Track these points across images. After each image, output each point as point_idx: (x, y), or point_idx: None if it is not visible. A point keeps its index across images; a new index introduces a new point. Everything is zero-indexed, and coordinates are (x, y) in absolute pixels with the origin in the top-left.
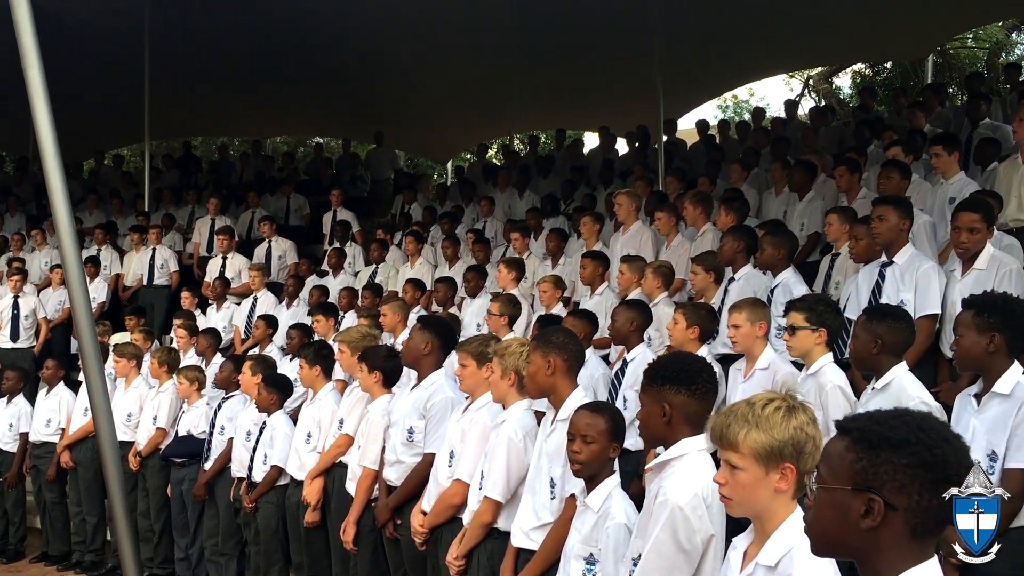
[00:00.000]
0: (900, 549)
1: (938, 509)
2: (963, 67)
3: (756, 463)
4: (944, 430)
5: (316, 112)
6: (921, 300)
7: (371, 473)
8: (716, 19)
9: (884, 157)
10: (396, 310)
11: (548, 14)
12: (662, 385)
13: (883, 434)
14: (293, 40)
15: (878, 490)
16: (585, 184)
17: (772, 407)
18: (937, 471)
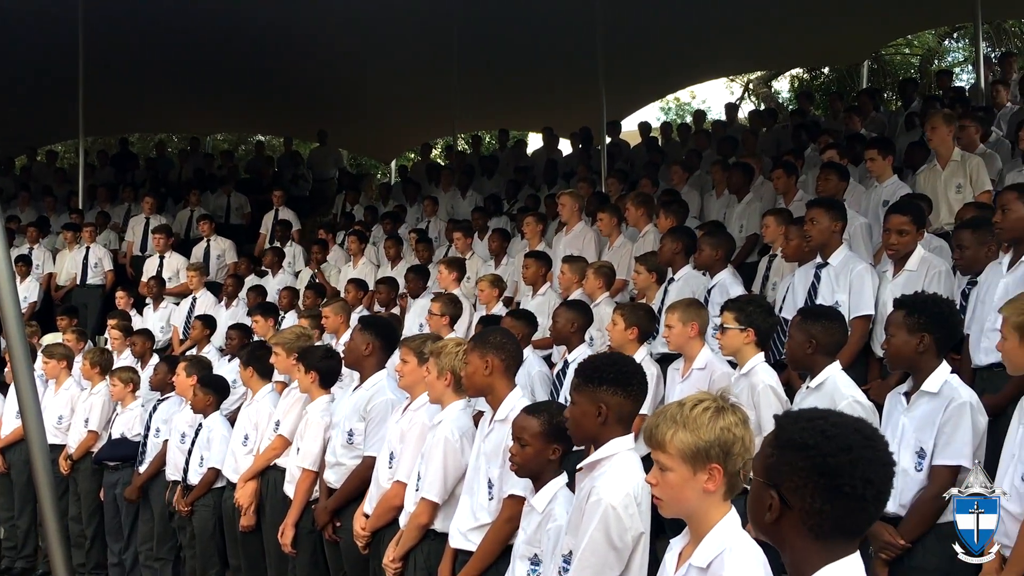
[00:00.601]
0: (805, 547)
1: (833, 515)
2: (897, 73)
3: (683, 463)
4: (851, 439)
5: (257, 110)
6: (855, 301)
7: (310, 475)
8: (658, 22)
9: (821, 160)
10: (338, 311)
11: (492, 14)
12: (599, 386)
13: (790, 435)
14: (233, 35)
15: (779, 487)
16: (529, 184)
17: (700, 408)
18: (830, 479)
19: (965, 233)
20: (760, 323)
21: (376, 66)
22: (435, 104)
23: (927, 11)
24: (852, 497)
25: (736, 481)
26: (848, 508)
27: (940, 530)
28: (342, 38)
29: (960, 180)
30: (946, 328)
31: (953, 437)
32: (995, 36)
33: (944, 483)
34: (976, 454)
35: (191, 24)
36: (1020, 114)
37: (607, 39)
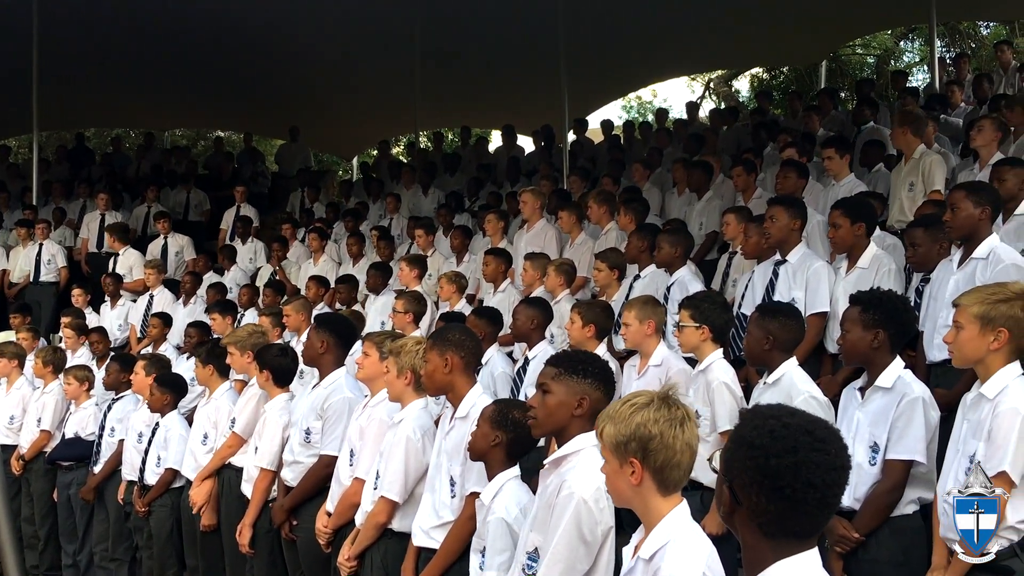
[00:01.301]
0: (756, 543)
1: (777, 516)
2: (855, 73)
3: (612, 456)
4: (798, 442)
5: (217, 105)
6: (811, 298)
7: (268, 474)
8: (620, 21)
9: (780, 159)
10: (299, 309)
11: (454, 12)
12: (583, 377)
13: (743, 432)
14: (192, 30)
15: (732, 484)
16: (491, 182)
17: (628, 403)
18: (773, 480)
19: (917, 231)
20: (715, 320)
21: (338, 63)
22: (397, 101)
23: (883, 12)
24: (793, 500)
25: (671, 476)
26: (790, 510)
27: (894, 523)
28: (303, 34)
29: (913, 179)
30: (900, 325)
31: (906, 432)
32: (949, 37)
33: (897, 477)
34: (929, 448)
35: (148, 18)
36: (973, 114)
37: (569, 37)
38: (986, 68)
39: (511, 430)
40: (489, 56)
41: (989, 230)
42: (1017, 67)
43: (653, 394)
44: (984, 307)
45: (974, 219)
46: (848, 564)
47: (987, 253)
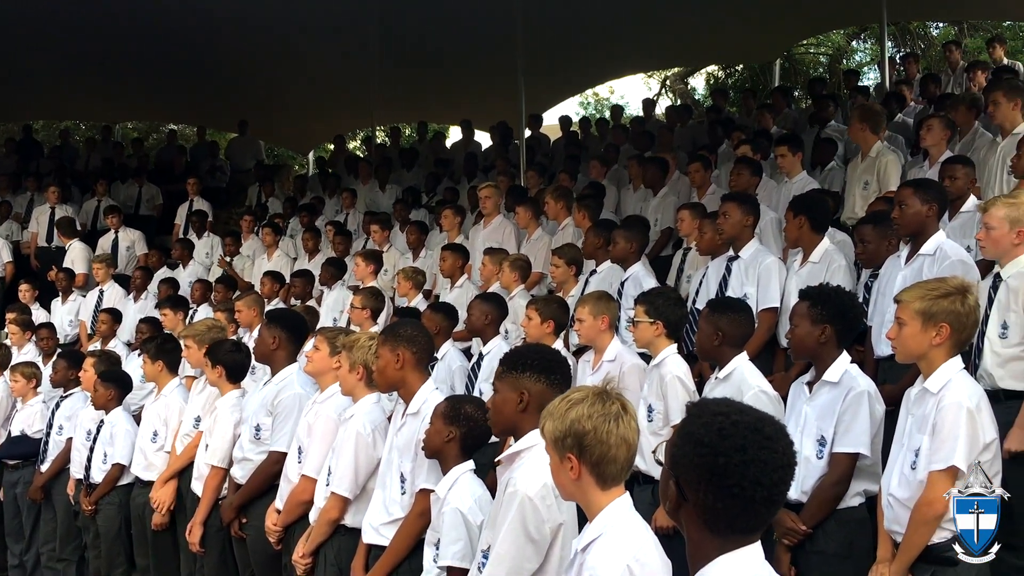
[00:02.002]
0: (701, 538)
1: (724, 513)
2: (808, 71)
3: (553, 451)
4: (746, 440)
5: (169, 98)
6: (763, 294)
7: (218, 472)
8: (577, 18)
9: (734, 156)
10: (251, 304)
11: (411, 6)
12: (522, 372)
13: (690, 428)
14: (143, 20)
15: (679, 479)
16: (448, 177)
17: (566, 399)
18: (721, 478)
19: (866, 228)
20: (669, 315)
21: (294, 56)
22: (353, 95)
23: (836, 12)
24: (741, 498)
25: (608, 470)
26: (738, 508)
27: (840, 516)
28: (258, 26)
29: (868, 177)
30: (847, 320)
31: (852, 425)
32: (900, 37)
33: (843, 470)
34: (874, 442)
35: (98, 8)
36: (922, 113)
37: (526, 33)
38: (936, 68)
39: (464, 425)
40: (447, 51)
41: (936, 227)
42: (965, 67)
43: (590, 389)
44: (925, 303)
45: (921, 216)
46: (795, 556)
47: (934, 249)
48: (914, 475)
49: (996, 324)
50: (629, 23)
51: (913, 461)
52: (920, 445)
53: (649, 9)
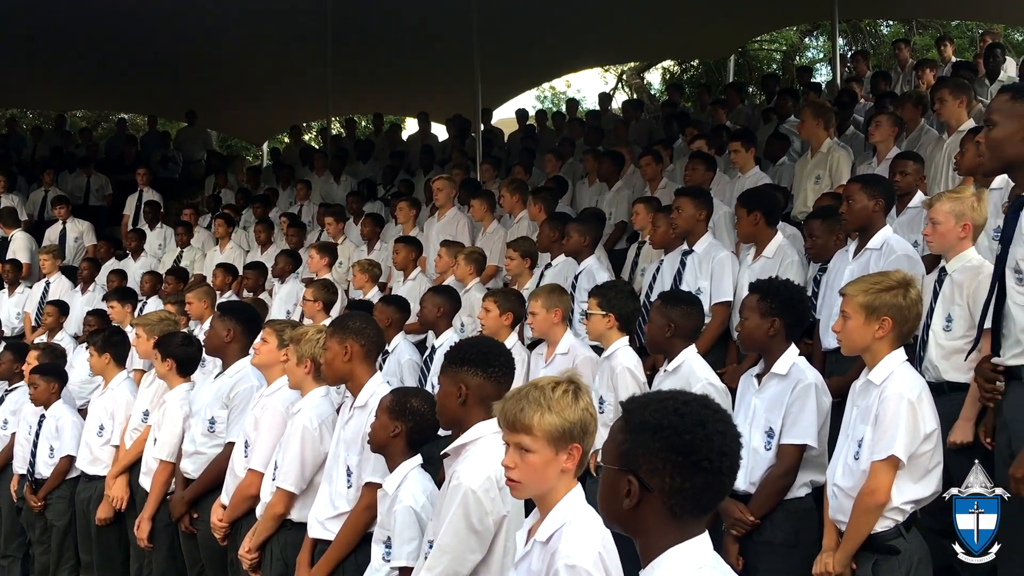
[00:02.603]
0: (662, 529)
1: (693, 492)
2: (762, 68)
3: (548, 445)
4: (702, 415)
5: (119, 86)
6: (716, 287)
7: (167, 466)
8: (534, 11)
9: (689, 150)
10: (202, 296)
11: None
12: (460, 367)
13: (644, 417)
14: (92, 6)
15: (637, 472)
16: (404, 170)
17: (561, 390)
18: (688, 455)
19: (815, 223)
20: (621, 308)
21: (247, 44)
22: (308, 86)
23: (789, 9)
24: (710, 471)
25: (586, 459)
26: (707, 482)
27: (787, 506)
28: (211, 14)
29: (820, 172)
30: (795, 314)
31: (799, 417)
32: (851, 35)
33: (791, 461)
34: (820, 433)
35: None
36: (872, 110)
37: (483, 26)
38: (886, 66)
39: (410, 420)
40: (403, 43)
41: (883, 222)
42: (913, 65)
43: (567, 380)
44: (868, 297)
45: (868, 211)
46: (743, 547)
47: (881, 244)
48: (857, 465)
49: (941, 317)
50: (586, 17)
51: (857, 451)
52: (863, 436)
53: (605, 4)
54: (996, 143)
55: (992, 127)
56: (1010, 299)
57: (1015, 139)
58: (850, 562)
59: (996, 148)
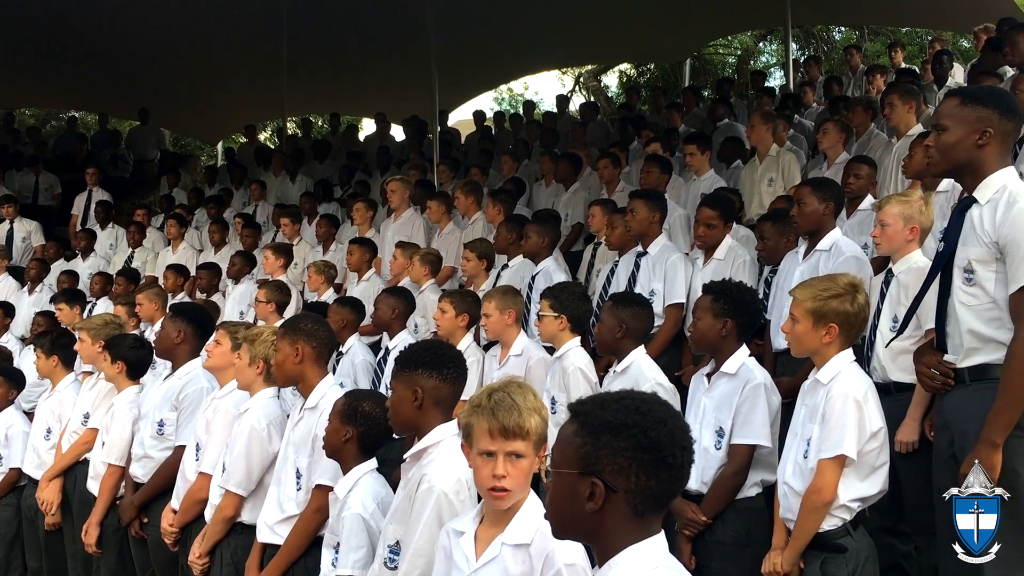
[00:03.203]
0: (624, 528)
1: (657, 489)
2: (717, 71)
3: (534, 448)
4: (661, 411)
5: (69, 83)
6: (669, 289)
7: (116, 470)
8: (491, 13)
9: (644, 153)
10: (153, 298)
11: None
12: (414, 370)
13: (604, 418)
14: (40, 1)
15: (600, 474)
16: (361, 170)
17: (531, 394)
18: (653, 452)
19: (766, 225)
20: (574, 309)
21: (201, 43)
22: (264, 85)
23: (743, 14)
24: (674, 467)
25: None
26: (671, 478)
27: (738, 506)
28: (164, 11)
29: (773, 175)
30: (747, 315)
31: (750, 417)
32: (804, 40)
33: (742, 461)
34: (771, 432)
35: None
36: (823, 115)
37: (440, 28)
38: (838, 71)
39: (362, 424)
40: (360, 43)
41: (833, 224)
42: (865, 70)
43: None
44: (816, 303)
45: (819, 213)
46: (695, 546)
47: (830, 246)
48: (806, 464)
49: (888, 318)
50: (543, 20)
51: (806, 450)
52: (812, 435)
53: (563, 7)
54: (946, 147)
55: (941, 131)
56: (956, 298)
57: (964, 144)
58: (798, 560)
59: (946, 152)
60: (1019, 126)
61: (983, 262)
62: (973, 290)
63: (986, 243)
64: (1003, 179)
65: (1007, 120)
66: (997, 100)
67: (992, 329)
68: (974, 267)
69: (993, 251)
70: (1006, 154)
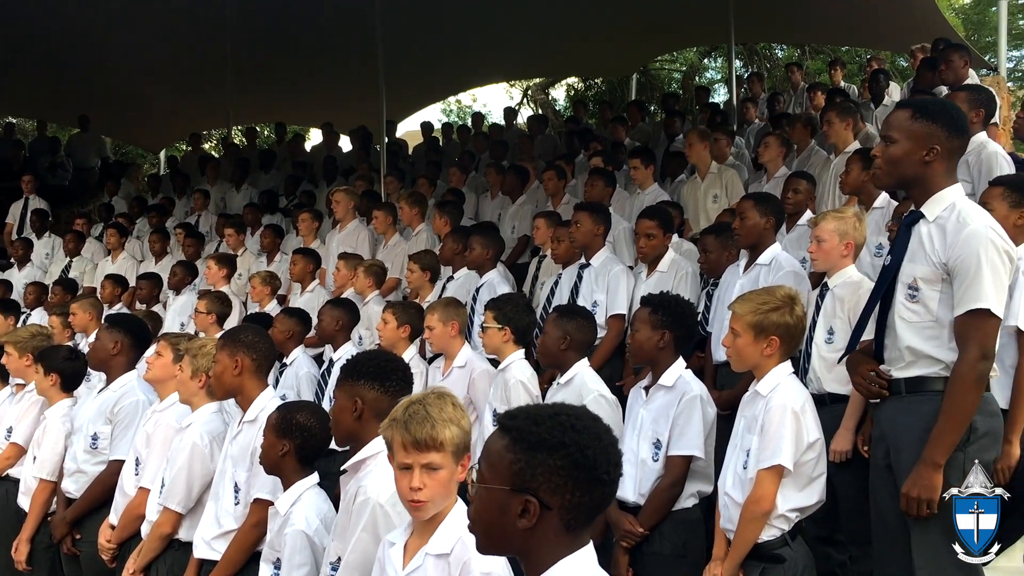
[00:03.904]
0: (555, 544)
1: (590, 505)
2: (663, 86)
3: (452, 459)
4: (595, 428)
5: (6, 88)
6: (611, 300)
7: (48, 486)
8: (440, 24)
9: (590, 166)
10: (87, 308)
11: (270, 3)
12: (356, 381)
13: (540, 435)
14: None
15: (535, 491)
16: (308, 180)
17: (450, 404)
18: (589, 471)
19: (709, 238)
20: (517, 321)
21: (144, 50)
22: (208, 94)
23: (688, 31)
24: (607, 483)
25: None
26: (604, 493)
27: (674, 517)
28: (105, 16)
29: (717, 191)
30: (685, 327)
31: (686, 429)
32: (748, 57)
33: (679, 472)
34: (706, 444)
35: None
36: (765, 130)
37: (388, 39)
38: (781, 87)
39: (298, 436)
40: (307, 52)
41: (773, 238)
42: (806, 88)
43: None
44: (757, 317)
45: (760, 227)
46: (633, 558)
47: (770, 260)
48: (746, 474)
49: (823, 330)
50: (492, 33)
51: (745, 461)
52: (751, 445)
53: (512, 20)
54: (894, 160)
55: (890, 143)
56: (897, 314)
57: (912, 158)
58: (738, 570)
59: (893, 165)
60: (966, 144)
61: (929, 281)
62: (915, 307)
63: (934, 263)
64: (951, 197)
65: (954, 138)
66: (946, 117)
67: (931, 347)
68: (919, 285)
69: (940, 271)
70: (953, 171)
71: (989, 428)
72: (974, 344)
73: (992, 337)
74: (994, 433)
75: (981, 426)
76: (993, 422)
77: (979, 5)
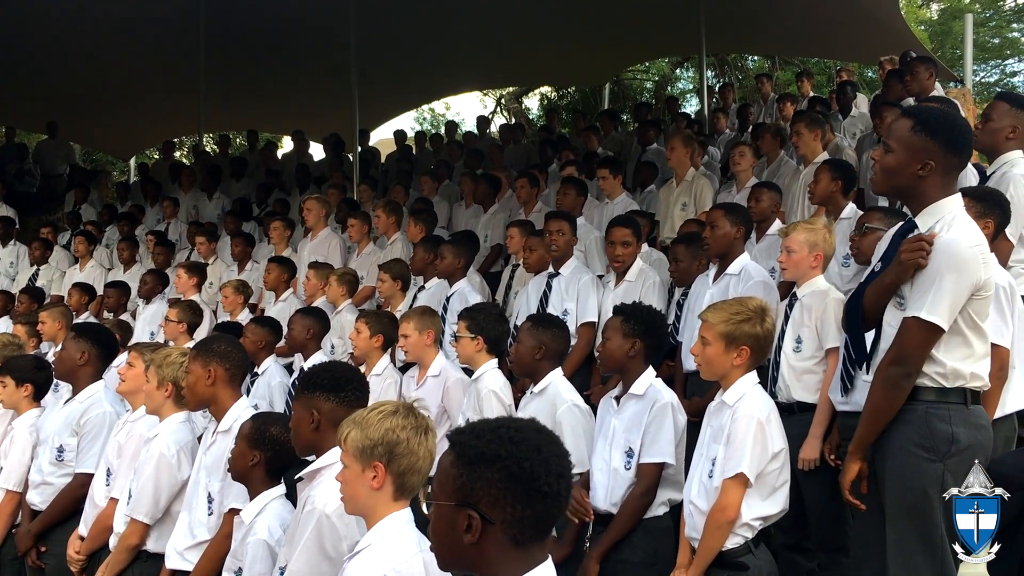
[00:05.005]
0: (507, 559)
1: (534, 518)
2: (636, 96)
3: (355, 460)
4: (537, 439)
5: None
6: (582, 309)
7: (14, 497)
8: (413, 33)
9: (561, 175)
10: (57, 316)
11: (240, 10)
12: (312, 392)
13: (479, 449)
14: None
15: (476, 505)
16: (280, 189)
17: (376, 410)
18: (527, 483)
19: (679, 247)
20: (490, 331)
21: (114, 56)
22: (180, 101)
23: (661, 41)
24: (549, 495)
25: (410, 480)
26: (546, 506)
27: (645, 525)
28: (74, 21)
29: (686, 199)
30: (655, 336)
31: (657, 437)
32: (719, 68)
33: (651, 480)
34: (677, 451)
35: None
36: (735, 140)
37: (361, 47)
38: (751, 98)
39: (269, 448)
40: (279, 59)
41: (742, 248)
42: (776, 98)
43: (399, 403)
44: (728, 327)
45: (730, 237)
46: (604, 566)
47: (739, 270)
48: (711, 483)
49: (791, 339)
50: (466, 41)
51: (711, 470)
52: (717, 455)
53: (486, 29)
54: (890, 170)
55: (888, 151)
56: (886, 322)
57: (907, 171)
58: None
59: (889, 174)
60: (965, 160)
61: None
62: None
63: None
64: (946, 208)
65: (952, 155)
66: (946, 133)
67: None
68: (904, 293)
69: None
70: (951, 184)
71: (972, 441)
72: (895, 347)
73: (918, 347)
74: (978, 446)
75: (964, 439)
76: (978, 435)
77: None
